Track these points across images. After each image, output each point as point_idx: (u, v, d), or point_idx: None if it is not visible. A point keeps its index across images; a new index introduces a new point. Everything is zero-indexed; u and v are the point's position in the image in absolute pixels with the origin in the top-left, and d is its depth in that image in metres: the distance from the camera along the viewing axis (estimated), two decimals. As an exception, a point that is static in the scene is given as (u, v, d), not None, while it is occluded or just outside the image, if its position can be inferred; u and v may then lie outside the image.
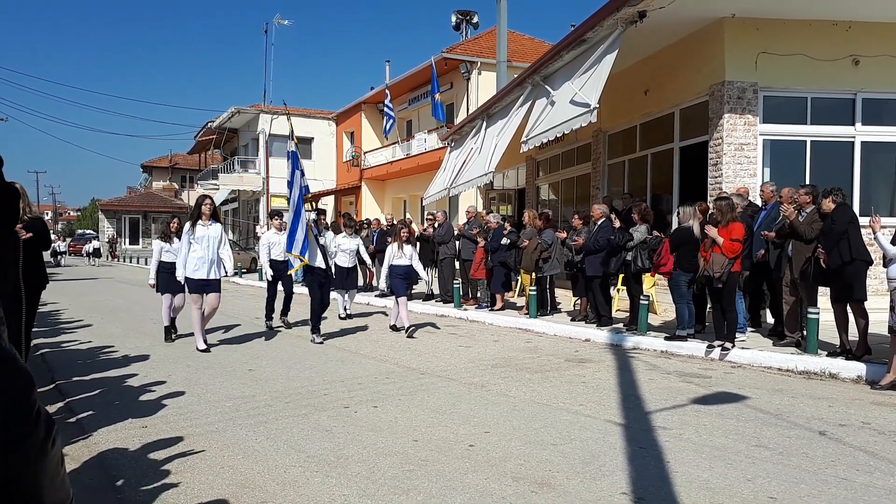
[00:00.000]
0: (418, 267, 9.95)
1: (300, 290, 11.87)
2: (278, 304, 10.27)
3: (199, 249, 7.87)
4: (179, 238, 8.36)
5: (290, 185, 8.92)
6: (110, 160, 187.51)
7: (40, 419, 0.93)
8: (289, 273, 9.74)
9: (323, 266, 8.85)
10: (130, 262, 37.80)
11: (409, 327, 9.27)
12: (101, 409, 5.35)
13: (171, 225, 8.95)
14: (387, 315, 11.56)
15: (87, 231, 54.54)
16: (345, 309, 11.58)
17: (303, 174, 8.86)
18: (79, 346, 8.51)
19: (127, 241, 46.84)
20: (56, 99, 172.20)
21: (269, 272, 9.93)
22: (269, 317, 10.14)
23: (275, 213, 10.59)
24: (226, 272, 8.28)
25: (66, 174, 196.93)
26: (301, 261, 8.60)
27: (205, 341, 8.15)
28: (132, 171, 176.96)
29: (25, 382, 0.93)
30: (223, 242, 8.22)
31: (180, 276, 7.96)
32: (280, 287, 10.23)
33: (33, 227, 5.54)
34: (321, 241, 9.08)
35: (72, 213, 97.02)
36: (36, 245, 5.59)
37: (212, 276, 7.95)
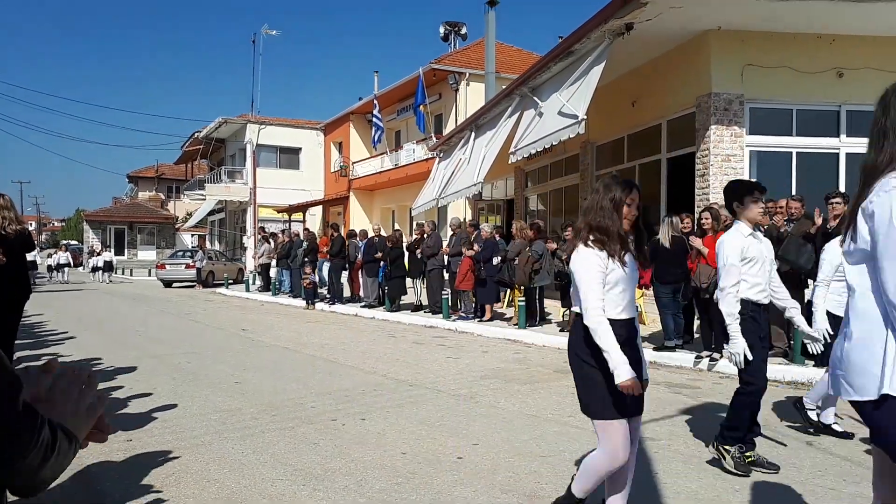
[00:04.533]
0: None
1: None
2: None
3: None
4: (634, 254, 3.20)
5: None
6: (95, 170, 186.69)
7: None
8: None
9: None
10: (117, 273, 37.52)
11: None
12: (85, 422, 5.26)
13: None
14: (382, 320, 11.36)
15: (72, 242, 54.01)
16: None
17: None
18: (64, 359, 8.41)
19: (112, 252, 46.47)
20: (41, 108, 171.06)
21: (741, 353, 4.06)
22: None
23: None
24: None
25: (51, 184, 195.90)
26: None
27: None
28: (118, 181, 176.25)
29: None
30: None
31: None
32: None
33: (12, 239, 5.45)
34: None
35: (56, 224, 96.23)
36: (18, 251, 5.52)
37: None
